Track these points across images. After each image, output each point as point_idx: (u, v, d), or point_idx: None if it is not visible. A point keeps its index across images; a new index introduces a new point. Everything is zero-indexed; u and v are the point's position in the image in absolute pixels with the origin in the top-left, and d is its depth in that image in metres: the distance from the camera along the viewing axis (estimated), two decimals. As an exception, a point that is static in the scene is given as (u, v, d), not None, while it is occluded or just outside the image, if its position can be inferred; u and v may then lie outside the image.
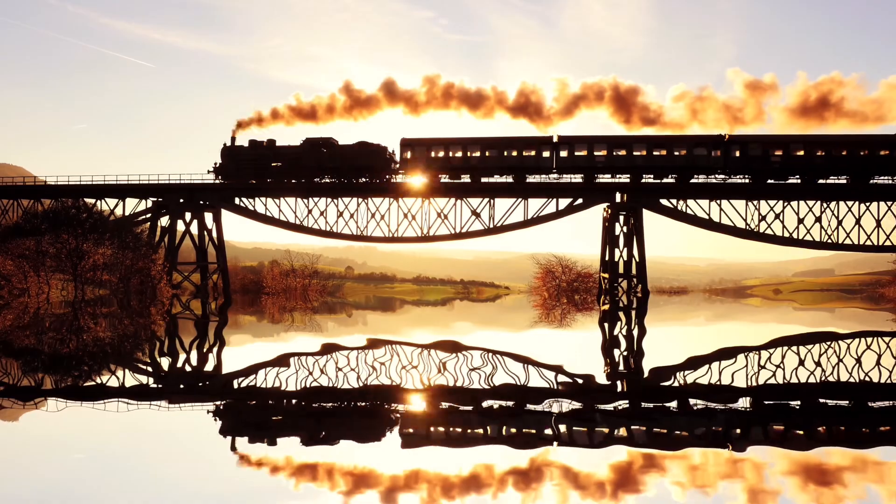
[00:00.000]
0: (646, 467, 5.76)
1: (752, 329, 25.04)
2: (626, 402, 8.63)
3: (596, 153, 63.97)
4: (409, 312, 38.01)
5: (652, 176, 64.53)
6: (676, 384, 10.24)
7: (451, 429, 7.05)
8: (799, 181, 63.60)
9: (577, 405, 8.31)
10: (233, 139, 72.20)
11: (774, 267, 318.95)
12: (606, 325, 25.85)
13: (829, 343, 17.93)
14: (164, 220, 71.73)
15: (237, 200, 70.96)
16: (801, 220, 65.47)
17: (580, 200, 66.33)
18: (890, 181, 63.24)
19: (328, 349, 15.03)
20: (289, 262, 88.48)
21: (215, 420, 7.43)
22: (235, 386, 9.80)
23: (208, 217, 72.39)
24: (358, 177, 68.31)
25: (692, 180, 64.49)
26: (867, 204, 64.74)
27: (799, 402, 8.82)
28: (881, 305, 53.05)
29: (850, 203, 65.03)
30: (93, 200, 72.23)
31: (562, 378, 10.76)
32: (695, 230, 69.09)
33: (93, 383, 9.88)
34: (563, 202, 66.54)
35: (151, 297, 58.48)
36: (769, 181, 63.79)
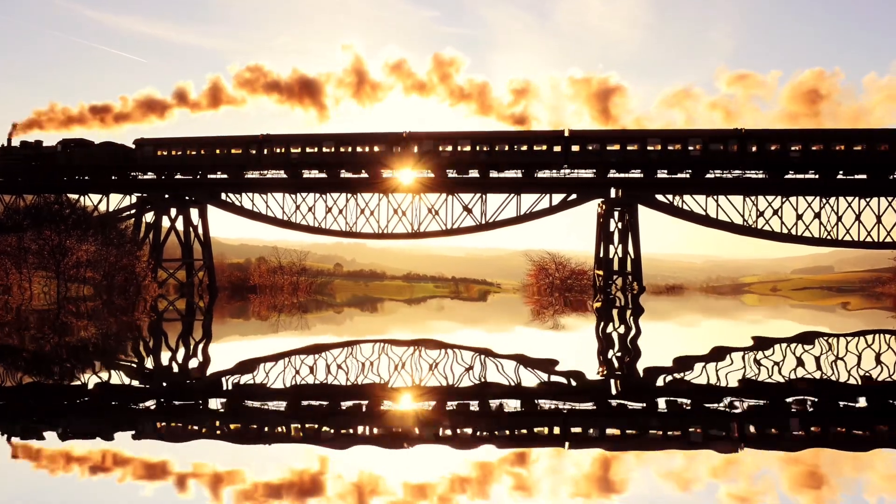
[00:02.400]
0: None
1: (739, 330, 25.52)
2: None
3: (308, 150, 68.73)
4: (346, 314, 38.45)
5: (350, 172, 69.37)
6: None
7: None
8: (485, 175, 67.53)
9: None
10: (9, 140, 77.62)
11: (772, 264, 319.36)
12: (601, 323, 26.29)
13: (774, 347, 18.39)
14: (149, 216, 71.99)
15: (223, 196, 71.12)
16: (799, 217, 65.90)
17: (574, 196, 66.64)
18: (549, 174, 67.03)
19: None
20: (276, 259, 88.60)
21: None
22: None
23: (194, 213, 72.52)
24: (104, 174, 72.32)
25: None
26: (867, 200, 65.23)
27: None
28: (882, 303, 53.67)
29: (849, 199, 65.51)
30: (76, 196, 72.53)
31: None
32: (691, 226, 69.49)
33: None
34: (557, 197, 66.87)
35: (136, 294, 58.73)
36: (450, 175, 67.97)
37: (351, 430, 7.43)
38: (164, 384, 10.34)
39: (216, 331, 22.12)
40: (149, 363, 13.08)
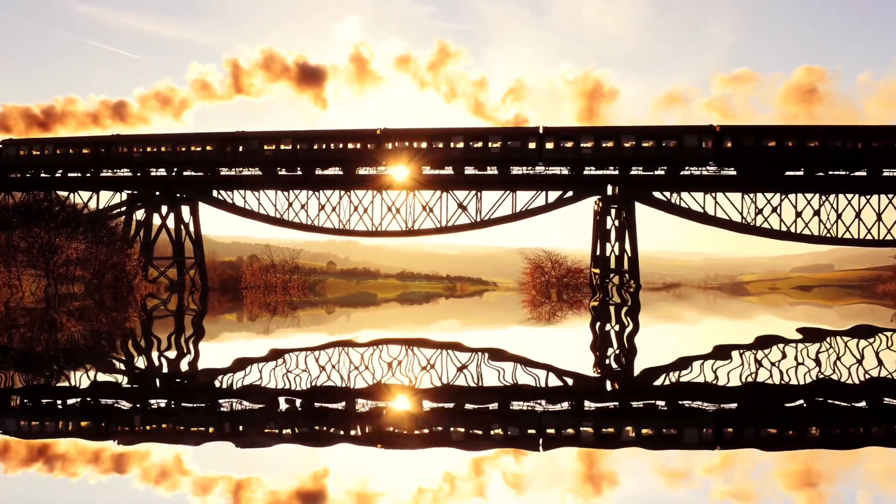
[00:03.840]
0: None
1: (734, 330, 25.75)
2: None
3: (149, 150, 71.71)
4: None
5: (192, 170, 72.08)
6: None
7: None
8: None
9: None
10: None
11: (771, 262, 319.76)
12: (597, 322, 26.49)
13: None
14: (140, 214, 72.07)
15: (215, 193, 71.31)
16: (798, 214, 66.11)
17: (570, 193, 66.86)
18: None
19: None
20: (268, 257, 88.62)
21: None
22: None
23: (185, 210, 72.66)
24: None
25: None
26: (867, 196, 65.50)
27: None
28: (882, 301, 53.94)
29: (849, 196, 65.77)
30: (66, 193, 72.64)
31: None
32: (689, 224, 69.67)
33: None
34: (553, 195, 67.06)
35: (127, 292, 58.81)
36: (281, 173, 70.76)
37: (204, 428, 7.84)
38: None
39: (190, 330, 22.29)
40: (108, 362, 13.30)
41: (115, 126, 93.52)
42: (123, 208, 72.34)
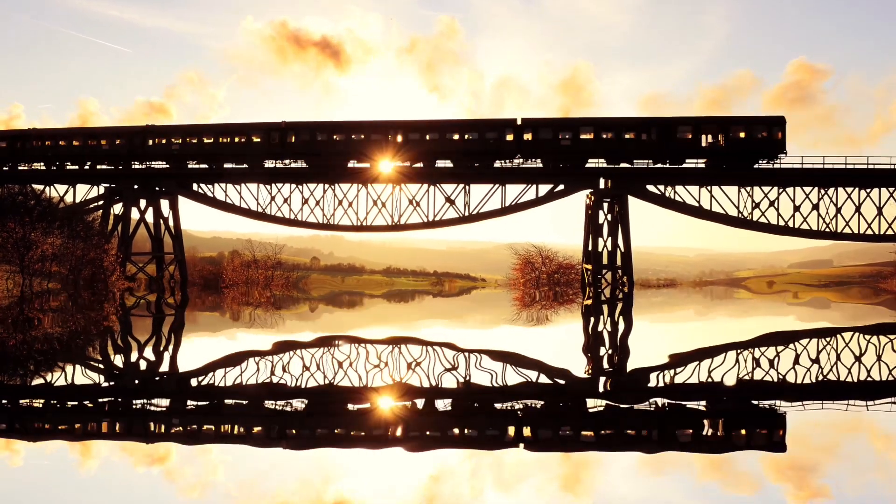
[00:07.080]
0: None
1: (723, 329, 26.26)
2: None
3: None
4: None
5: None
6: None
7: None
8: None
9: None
10: None
11: (769, 257, 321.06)
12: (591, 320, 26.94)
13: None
14: (118, 208, 72.02)
15: (195, 186, 71.30)
16: (797, 208, 66.49)
17: (561, 186, 67.08)
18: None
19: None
20: (250, 253, 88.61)
21: None
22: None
23: (164, 204, 72.67)
24: None
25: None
26: (868, 190, 65.97)
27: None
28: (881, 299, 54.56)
29: (849, 189, 66.24)
30: (41, 187, 72.52)
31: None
32: (684, 218, 70.02)
33: None
34: (544, 188, 67.25)
35: (104, 289, 58.91)
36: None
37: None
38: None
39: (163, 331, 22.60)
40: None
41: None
42: (101, 202, 72.25)
